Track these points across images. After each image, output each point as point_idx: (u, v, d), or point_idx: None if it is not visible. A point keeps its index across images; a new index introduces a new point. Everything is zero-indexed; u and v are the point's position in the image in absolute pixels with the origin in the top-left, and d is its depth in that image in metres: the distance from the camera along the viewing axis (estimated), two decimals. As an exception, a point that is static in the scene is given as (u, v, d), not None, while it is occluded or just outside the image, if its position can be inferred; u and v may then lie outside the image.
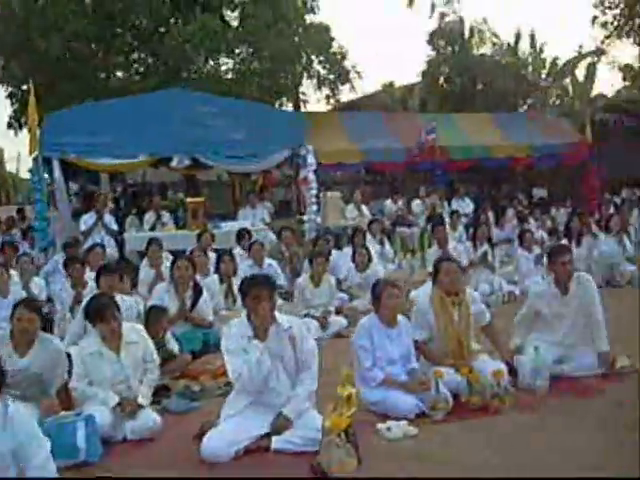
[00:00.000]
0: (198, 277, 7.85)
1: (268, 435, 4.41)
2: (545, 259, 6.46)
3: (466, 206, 15.05)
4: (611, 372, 5.59)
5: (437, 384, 4.81)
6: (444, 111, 21.21)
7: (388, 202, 14.84)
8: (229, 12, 19.09)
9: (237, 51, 18.11)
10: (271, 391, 4.50)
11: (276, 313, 4.58)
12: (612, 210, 15.25)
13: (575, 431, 4.58)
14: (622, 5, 23.74)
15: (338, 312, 8.09)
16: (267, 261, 8.90)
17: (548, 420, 4.82)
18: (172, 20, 17.48)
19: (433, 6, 11.15)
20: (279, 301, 8.37)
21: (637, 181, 23.95)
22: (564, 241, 10.31)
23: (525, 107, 24.39)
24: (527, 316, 5.87)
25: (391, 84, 26.80)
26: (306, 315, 7.62)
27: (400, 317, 5.20)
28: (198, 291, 6.92)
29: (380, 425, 4.63)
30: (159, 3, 16.59)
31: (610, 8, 24.31)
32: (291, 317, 4.82)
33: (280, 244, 10.17)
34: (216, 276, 7.83)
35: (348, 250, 9.46)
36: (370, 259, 8.69)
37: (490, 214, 14.11)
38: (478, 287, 9.13)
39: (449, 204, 14.95)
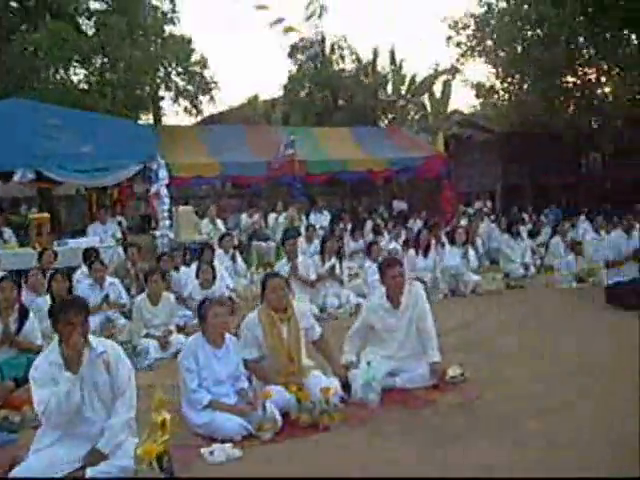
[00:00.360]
0: (32, 297, 7.45)
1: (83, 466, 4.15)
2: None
3: (324, 219, 15.18)
4: (442, 382, 5.67)
5: (264, 404, 4.70)
6: (306, 125, 21.40)
7: (244, 216, 14.74)
8: (86, 20, 18.43)
9: (93, 61, 17.52)
10: (85, 421, 4.22)
11: (90, 337, 4.31)
12: (464, 222, 15.82)
13: (405, 442, 4.60)
14: (474, 27, 24.92)
15: (182, 330, 7.86)
16: (109, 280, 8.53)
17: (378, 433, 4.82)
18: (23, 27, 16.68)
19: (279, 20, 11.25)
20: (122, 320, 8.16)
21: (492, 193, 25.17)
22: (412, 252, 10.56)
23: (386, 122, 25.02)
24: (360, 330, 5.87)
25: (256, 97, 26.83)
26: (146, 335, 7.35)
27: (228, 336, 5.07)
28: (24, 314, 6.48)
29: (204, 449, 4.47)
30: (2, 8, 15.77)
31: (463, 29, 25.48)
32: (106, 341, 4.55)
33: (126, 261, 9.81)
34: (48, 296, 7.39)
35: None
36: (215, 276, 8.50)
37: (349, 227, 14.31)
38: (326, 300, 9.19)
39: (307, 217, 15.02)
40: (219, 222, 13.40)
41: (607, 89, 25.31)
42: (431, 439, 4.64)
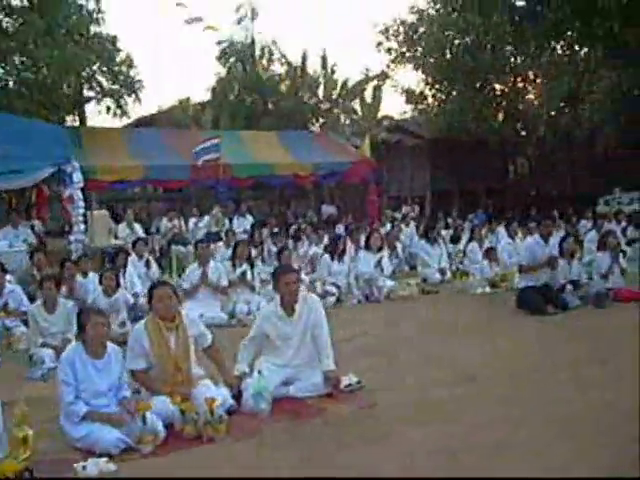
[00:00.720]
0: None
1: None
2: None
3: (248, 223, 15.06)
4: (337, 391, 5.61)
5: (144, 417, 4.57)
6: (235, 128, 21.25)
7: (164, 220, 14.51)
8: (6, 17, 17.89)
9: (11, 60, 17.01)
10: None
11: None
12: (389, 226, 15.91)
13: (294, 452, 4.53)
14: (404, 33, 25.24)
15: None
16: (9, 287, 8.22)
17: (267, 443, 4.74)
18: None
19: (197, 19, 11.05)
20: (21, 328, 7.88)
21: (421, 198, 25.48)
22: (327, 257, 10.54)
23: (317, 126, 25.05)
24: (255, 338, 5.76)
25: (187, 99, 26.52)
26: (43, 344, 7.09)
27: (110, 345, 4.92)
28: None
29: (77, 464, 4.31)
30: None
31: (394, 35, 25.79)
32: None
33: (33, 267, 9.50)
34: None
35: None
36: (118, 283, 8.29)
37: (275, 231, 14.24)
38: (236, 307, 9.08)
39: (230, 221, 14.89)
40: (137, 226, 13.16)
41: (532, 97, 25.94)
42: (320, 449, 4.59)
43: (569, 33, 22.95)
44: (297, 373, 5.66)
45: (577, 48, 24.45)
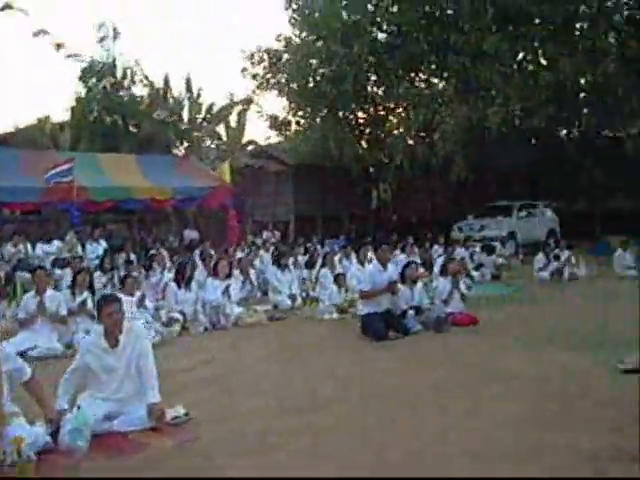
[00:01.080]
0: None
1: None
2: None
3: (101, 249, 14.65)
4: (163, 424, 5.50)
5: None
6: (95, 150, 20.71)
7: (8, 245, 13.89)
8: None
9: None
10: None
11: None
12: (246, 252, 15.93)
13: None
14: (268, 60, 25.59)
15: None
16: None
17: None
18: None
19: (43, 31, 10.70)
20: None
21: (286, 223, 25.70)
22: (173, 284, 10.40)
23: (182, 149, 24.84)
24: (76, 371, 5.57)
25: (47, 119, 25.56)
26: None
27: None
28: None
29: None
30: None
31: (259, 62, 26.11)
32: None
33: None
34: None
35: None
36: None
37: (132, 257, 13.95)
38: (74, 337, 8.78)
39: (83, 247, 14.44)
40: (-23, 252, 12.50)
41: (392, 126, 26.85)
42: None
43: (426, 66, 24.09)
44: (121, 407, 5.51)
45: (435, 81, 25.64)
